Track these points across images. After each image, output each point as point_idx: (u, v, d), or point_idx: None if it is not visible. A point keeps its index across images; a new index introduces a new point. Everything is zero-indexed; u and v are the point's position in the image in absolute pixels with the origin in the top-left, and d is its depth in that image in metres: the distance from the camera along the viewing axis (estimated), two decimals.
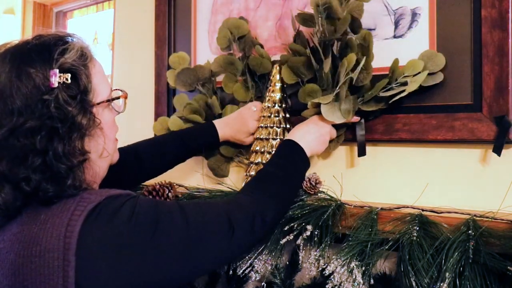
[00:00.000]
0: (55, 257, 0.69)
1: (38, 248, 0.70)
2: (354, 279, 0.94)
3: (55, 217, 0.72)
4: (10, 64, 0.76)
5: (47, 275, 0.69)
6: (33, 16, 2.67)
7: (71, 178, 0.74)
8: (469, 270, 0.84)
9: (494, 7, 1.00)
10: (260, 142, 1.19)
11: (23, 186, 0.73)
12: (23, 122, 0.72)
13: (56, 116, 0.74)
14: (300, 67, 1.16)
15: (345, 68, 1.05)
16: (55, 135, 0.74)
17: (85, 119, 0.77)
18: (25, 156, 0.73)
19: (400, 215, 0.96)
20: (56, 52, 0.77)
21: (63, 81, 0.76)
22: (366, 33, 1.08)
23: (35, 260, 0.70)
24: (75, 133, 0.76)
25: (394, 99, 1.06)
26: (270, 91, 1.20)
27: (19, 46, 0.79)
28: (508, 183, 0.99)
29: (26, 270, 0.71)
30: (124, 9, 1.80)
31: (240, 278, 1.24)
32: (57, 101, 0.74)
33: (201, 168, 1.47)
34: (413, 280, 0.88)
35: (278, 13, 1.34)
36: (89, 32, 2.53)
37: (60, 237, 0.70)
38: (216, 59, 1.36)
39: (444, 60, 1.06)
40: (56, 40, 0.80)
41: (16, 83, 0.74)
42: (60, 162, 0.73)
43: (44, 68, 0.76)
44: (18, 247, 0.72)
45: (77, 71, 0.78)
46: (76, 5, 2.61)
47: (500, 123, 0.98)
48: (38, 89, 0.74)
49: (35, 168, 0.73)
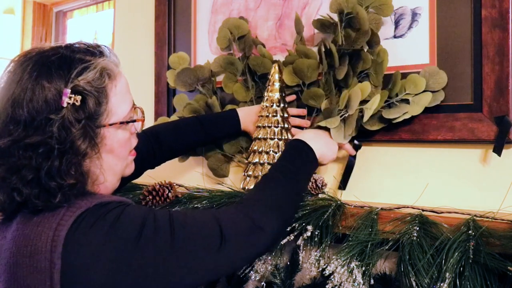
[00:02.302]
0: (42, 258, 0.71)
1: (28, 249, 0.73)
2: (354, 279, 0.94)
3: (45, 220, 0.74)
4: (29, 74, 0.76)
5: (36, 275, 0.71)
6: (33, 16, 2.67)
7: (59, 196, 0.75)
8: (469, 270, 0.84)
9: (494, 7, 1.00)
10: (258, 142, 1.18)
11: (14, 195, 0.75)
12: (25, 136, 0.73)
13: (57, 136, 0.74)
14: (305, 69, 1.17)
15: (358, 97, 1.04)
16: (52, 154, 0.74)
17: (84, 144, 0.77)
18: (19, 169, 0.74)
19: (400, 215, 0.96)
20: (75, 71, 0.77)
21: (72, 103, 0.76)
22: (382, 50, 1.08)
23: (25, 260, 0.72)
24: (71, 156, 0.75)
25: (397, 120, 1.07)
26: (269, 91, 1.20)
27: (45, 55, 0.79)
28: (508, 183, 0.99)
29: (18, 270, 0.73)
30: (124, 9, 1.80)
31: (240, 278, 1.24)
32: (62, 122, 0.75)
33: (201, 168, 1.47)
34: (413, 280, 0.88)
35: (278, 13, 1.34)
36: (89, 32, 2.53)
37: (48, 240, 0.71)
38: (216, 59, 1.36)
39: (446, 78, 1.05)
40: (83, 55, 0.80)
41: (29, 94, 0.74)
42: (51, 180, 0.74)
43: (58, 84, 0.76)
44: (13, 246, 0.75)
45: (88, 96, 0.78)
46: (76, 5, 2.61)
47: (501, 123, 0.98)
48: (47, 105, 0.74)
49: (26, 182, 0.74)
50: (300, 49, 1.18)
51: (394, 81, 1.09)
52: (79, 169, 0.77)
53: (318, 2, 1.26)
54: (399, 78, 1.08)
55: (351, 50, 1.09)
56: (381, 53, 1.09)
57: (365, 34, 1.07)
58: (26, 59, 0.79)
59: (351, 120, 1.08)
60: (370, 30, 1.07)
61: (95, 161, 0.80)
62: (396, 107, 1.08)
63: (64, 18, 2.73)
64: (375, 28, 1.10)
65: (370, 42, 1.10)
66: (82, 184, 0.78)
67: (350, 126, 1.08)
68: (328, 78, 1.15)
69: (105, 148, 0.81)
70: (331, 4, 1.13)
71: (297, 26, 1.22)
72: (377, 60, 1.09)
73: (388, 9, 1.10)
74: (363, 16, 1.05)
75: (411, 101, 1.06)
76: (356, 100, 1.04)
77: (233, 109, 1.27)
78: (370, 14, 1.10)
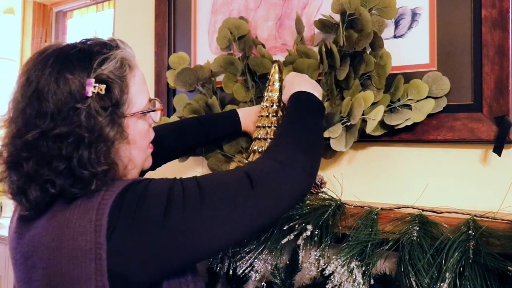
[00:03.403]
0: (87, 239, 0.71)
1: (71, 231, 0.73)
2: (354, 279, 0.94)
3: (86, 203, 0.75)
4: (51, 68, 0.77)
5: (80, 257, 0.71)
6: (33, 16, 2.67)
7: (95, 183, 0.75)
8: (469, 270, 0.84)
9: (494, 7, 1.00)
10: (258, 142, 1.18)
11: (48, 187, 0.75)
12: (53, 127, 0.74)
13: (85, 125, 0.75)
14: (305, 69, 1.17)
15: (362, 106, 1.04)
16: (82, 143, 0.75)
17: (112, 131, 0.78)
18: (51, 160, 0.74)
19: (400, 215, 0.96)
20: (96, 61, 0.78)
21: (97, 92, 0.77)
22: (385, 53, 1.08)
23: (68, 243, 0.73)
24: (101, 144, 0.76)
25: (399, 127, 1.07)
26: (269, 91, 1.20)
27: (64, 50, 0.80)
28: (508, 183, 0.99)
29: (60, 253, 0.73)
30: (124, 9, 1.80)
31: (240, 278, 1.24)
32: (89, 110, 0.76)
33: (201, 168, 1.47)
34: (413, 280, 0.88)
35: (278, 13, 1.34)
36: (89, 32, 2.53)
37: (91, 220, 0.72)
38: (216, 59, 1.36)
39: (449, 85, 1.05)
40: (100, 48, 0.81)
41: (53, 87, 0.75)
42: (83, 169, 0.75)
43: (81, 76, 0.77)
44: (53, 231, 0.75)
45: (112, 84, 0.79)
46: (76, 5, 2.61)
47: (500, 123, 0.98)
48: (72, 96, 0.75)
49: (59, 173, 0.75)
50: (301, 49, 1.18)
51: (396, 85, 1.08)
52: (109, 156, 0.78)
53: (318, 2, 1.26)
54: (402, 83, 1.08)
55: (352, 51, 1.09)
56: (384, 56, 1.09)
57: (368, 36, 1.06)
58: (45, 55, 0.79)
59: (354, 130, 1.08)
60: (372, 32, 1.06)
61: (123, 148, 0.81)
62: (398, 112, 1.08)
63: (64, 18, 2.73)
64: (378, 30, 1.10)
65: (373, 45, 1.09)
66: (114, 170, 0.79)
67: (352, 135, 1.09)
68: (329, 78, 1.15)
69: (128, 139, 0.82)
70: (332, 4, 1.13)
71: (298, 26, 1.22)
72: (380, 63, 1.09)
73: (392, 12, 1.09)
74: (367, 17, 1.05)
75: (414, 107, 1.06)
76: (359, 110, 1.04)
77: (234, 109, 1.27)
78: (373, 16, 1.10)
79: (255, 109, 1.24)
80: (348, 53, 1.10)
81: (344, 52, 1.10)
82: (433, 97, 1.06)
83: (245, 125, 1.25)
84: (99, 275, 0.71)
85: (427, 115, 1.06)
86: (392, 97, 1.08)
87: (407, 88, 1.07)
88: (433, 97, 1.06)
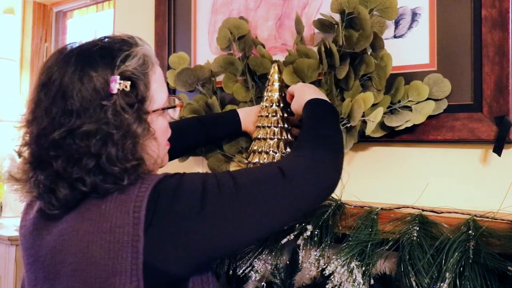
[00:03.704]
0: (125, 232, 0.72)
1: (108, 224, 0.73)
2: (354, 279, 0.94)
3: (122, 195, 0.75)
4: (74, 66, 0.77)
5: (117, 250, 0.71)
6: (33, 16, 2.67)
7: (126, 178, 0.75)
8: (469, 270, 0.84)
9: (494, 7, 1.00)
10: (258, 142, 1.18)
11: (78, 185, 0.75)
12: (80, 125, 0.74)
13: (113, 122, 0.75)
14: (305, 69, 1.17)
15: (362, 108, 1.04)
16: (109, 140, 0.75)
17: (140, 128, 0.78)
18: (80, 158, 0.74)
19: (400, 215, 0.96)
20: (119, 58, 0.79)
21: (122, 88, 0.77)
22: (385, 54, 1.08)
23: (105, 236, 0.72)
24: (128, 140, 0.76)
25: (399, 128, 1.07)
26: (268, 91, 1.20)
27: (85, 48, 0.80)
28: (508, 183, 0.99)
29: (95, 247, 0.73)
30: (124, 9, 1.80)
31: (240, 278, 1.24)
32: (115, 107, 0.76)
33: (201, 168, 1.47)
34: (413, 280, 0.88)
35: (278, 13, 1.34)
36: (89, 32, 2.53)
37: (129, 213, 0.72)
38: (216, 59, 1.36)
39: (450, 87, 1.05)
40: (121, 45, 0.81)
41: (78, 85, 0.75)
42: (113, 165, 0.75)
43: (105, 73, 0.77)
44: (86, 225, 0.74)
45: (137, 80, 0.79)
46: (76, 5, 2.61)
47: (500, 123, 0.98)
48: (97, 93, 0.75)
49: (89, 170, 0.74)
50: (301, 49, 1.18)
51: (397, 87, 1.08)
52: (136, 152, 0.78)
53: (318, 2, 1.26)
54: (402, 84, 1.07)
55: (352, 52, 1.09)
56: (385, 58, 1.08)
57: (367, 37, 1.06)
58: (66, 54, 0.79)
59: (354, 132, 1.08)
60: (372, 33, 1.06)
61: (148, 144, 0.82)
62: (399, 113, 1.08)
63: (64, 18, 2.73)
64: (379, 31, 1.10)
65: (374, 46, 1.09)
66: (144, 165, 0.79)
67: (352, 137, 1.09)
68: (328, 78, 1.15)
69: (154, 135, 0.83)
70: (331, 3, 1.13)
71: (298, 26, 1.22)
72: (381, 64, 1.09)
73: (393, 13, 1.09)
74: (365, 16, 1.05)
75: (414, 109, 1.06)
76: (359, 111, 1.05)
77: (234, 109, 1.27)
78: (374, 17, 1.10)
79: (255, 109, 1.24)
80: (348, 53, 1.10)
81: (344, 52, 1.10)
82: (433, 99, 1.06)
83: (245, 125, 1.25)
84: (134, 269, 0.71)
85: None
86: (392, 99, 1.08)
87: (408, 90, 1.07)
88: (434, 99, 1.06)
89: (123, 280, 0.71)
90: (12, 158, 2.11)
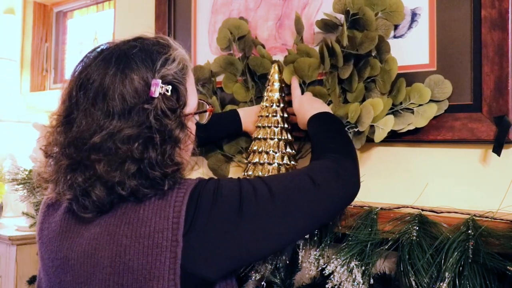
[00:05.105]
0: (164, 237, 0.72)
1: (147, 229, 0.72)
2: (354, 278, 0.94)
3: (160, 200, 0.75)
4: (115, 67, 0.76)
5: (156, 255, 0.71)
6: (33, 16, 2.68)
7: (167, 183, 0.75)
8: (469, 270, 0.84)
9: (494, 7, 1.00)
10: (258, 142, 1.18)
11: (118, 189, 0.74)
12: (121, 128, 0.73)
13: (155, 127, 0.74)
14: (306, 68, 1.17)
15: (371, 114, 1.05)
16: (150, 144, 0.74)
17: (182, 133, 0.78)
18: (123, 162, 0.73)
19: (400, 215, 0.96)
20: (159, 62, 0.78)
21: (163, 92, 0.76)
22: (390, 58, 1.08)
23: (143, 241, 0.72)
24: (169, 145, 0.76)
25: (401, 131, 1.08)
26: (268, 91, 1.20)
27: (123, 49, 0.79)
28: (507, 183, 0.99)
29: (133, 251, 0.72)
30: (124, 9, 1.80)
31: (240, 278, 1.24)
32: (156, 111, 0.75)
33: (201, 168, 1.47)
34: (413, 280, 0.88)
35: (278, 13, 1.34)
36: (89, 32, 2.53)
37: (169, 218, 0.72)
38: (216, 59, 1.36)
39: (451, 88, 1.05)
40: (158, 47, 0.81)
41: (119, 86, 0.74)
42: (154, 170, 0.74)
43: (146, 76, 0.76)
44: (124, 229, 0.74)
45: (178, 84, 0.79)
46: (76, 5, 2.61)
47: (500, 123, 0.98)
48: (139, 96, 0.75)
49: (131, 175, 0.74)
50: (302, 48, 1.18)
51: (398, 88, 1.08)
52: (175, 157, 0.78)
53: (318, 2, 1.26)
54: (404, 86, 1.07)
55: (355, 53, 1.09)
56: (390, 61, 1.08)
57: (372, 39, 1.06)
58: (105, 55, 0.78)
59: (361, 136, 1.08)
60: (377, 35, 1.06)
61: (184, 149, 0.82)
62: (401, 116, 1.08)
63: (64, 18, 2.73)
64: (385, 34, 1.10)
65: (379, 49, 1.09)
66: (182, 169, 0.80)
67: (359, 141, 1.09)
68: (330, 77, 1.15)
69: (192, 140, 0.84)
70: (334, 4, 1.13)
71: (297, 26, 1.22)
72: (386, 68, 1.08)
73: (399, 16, 1.09)
74: (371, 17, 1.04)
75: (416, 111, 1.06)
76: (368, 117, 1.05)
77: (234, 109, 1.27)
78: (379, 20, 1.10)
79: (255, 109, 1.24)
80: (352, 54, 1.10)
81: (347, 53, 1.10)
82: (435, 101, 1.06)
83: (245, 125, 1.25)
84: (172, 273, 0.71)
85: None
86: (394, 100, 1.08)
87: (409, 92, 1.07)
88: (435, 101, 1.06)
89: (160, 285, 0.71)
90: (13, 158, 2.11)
